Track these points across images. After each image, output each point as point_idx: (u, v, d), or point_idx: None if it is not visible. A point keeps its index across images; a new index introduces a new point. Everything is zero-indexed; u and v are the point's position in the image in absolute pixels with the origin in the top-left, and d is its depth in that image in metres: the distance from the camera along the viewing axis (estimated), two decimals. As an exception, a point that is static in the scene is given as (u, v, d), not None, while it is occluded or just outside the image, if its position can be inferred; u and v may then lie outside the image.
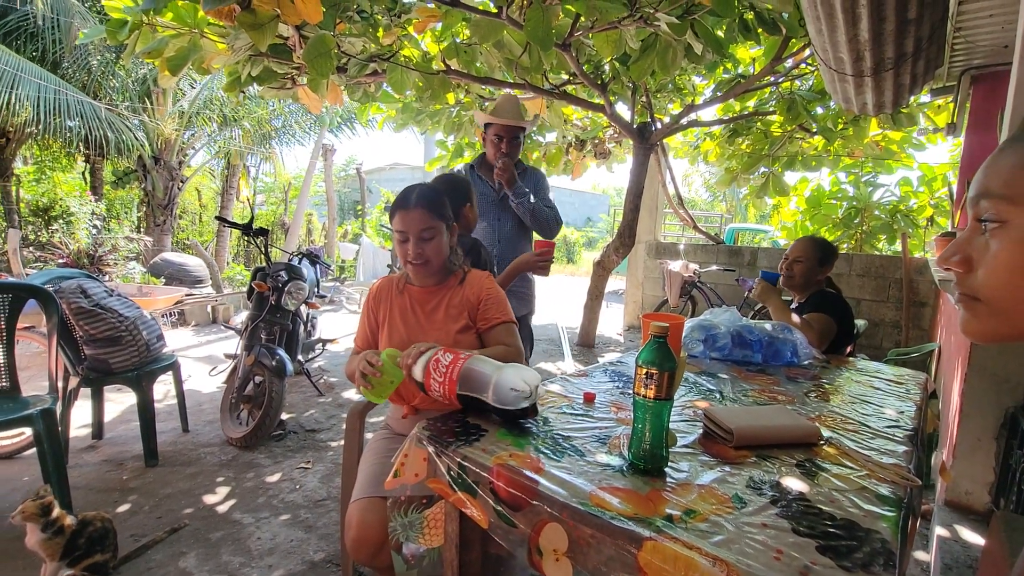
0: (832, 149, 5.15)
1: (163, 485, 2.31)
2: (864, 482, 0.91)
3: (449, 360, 1.13)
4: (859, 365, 1.81)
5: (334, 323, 6.02)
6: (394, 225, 1.42)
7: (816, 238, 2.20)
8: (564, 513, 0.79)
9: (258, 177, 11.31)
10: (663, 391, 0.86)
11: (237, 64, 3.06)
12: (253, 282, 3.01)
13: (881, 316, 5.06)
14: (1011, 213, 0.49)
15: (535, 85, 3.83)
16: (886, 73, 2.52)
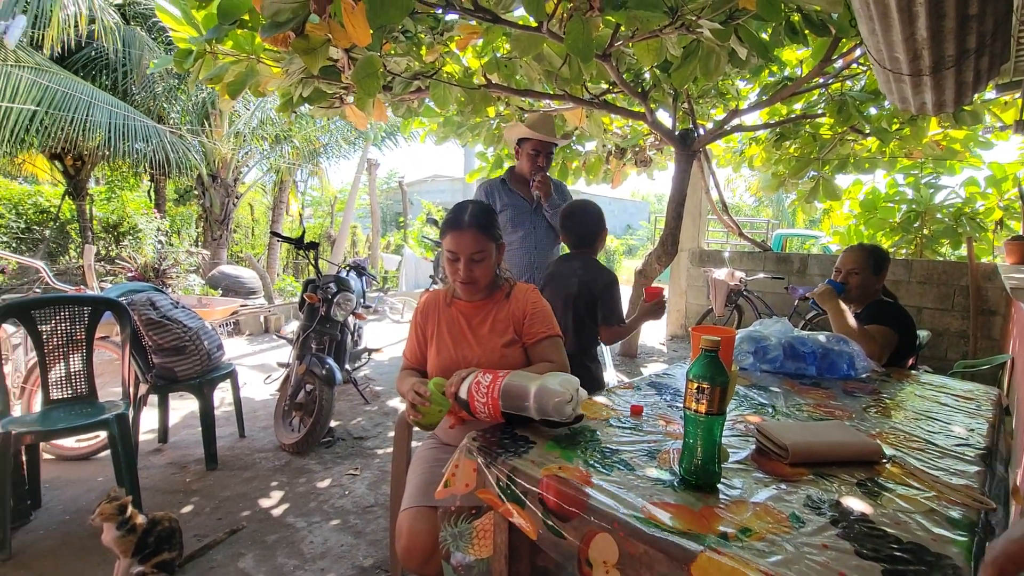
0: (888, 150, 4.92)
1: (222, 488, 2.43)
2: (932, 504, 0.86)
3: (489, 380, 1.16)
4: (923, 379, 1.72)
5: (378, 333, 6.17)
6: (445, 244, 1.45)
7: (867, 246, 2.11)
8: (615, 524, 0.79)
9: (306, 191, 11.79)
10: (715, 406, 0.85)
11: (290, 86, 3.23)
12: (304, 294, 3.14)
13: (945, 326, 4.77)
14: None
15: (575, 95, 3.84)
16: (947, 71, 2.40)
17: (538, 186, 2.45)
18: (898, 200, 6.37)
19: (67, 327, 2.15)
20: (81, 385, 2.20)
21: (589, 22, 2.41)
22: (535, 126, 2.55)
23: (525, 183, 2.58)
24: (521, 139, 2.60)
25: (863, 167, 5.16)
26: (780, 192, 6.61)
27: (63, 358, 2.16)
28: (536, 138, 2.53)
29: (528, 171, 2.54)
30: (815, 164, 5.00)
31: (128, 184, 8.57)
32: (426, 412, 1.25)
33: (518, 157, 2.65)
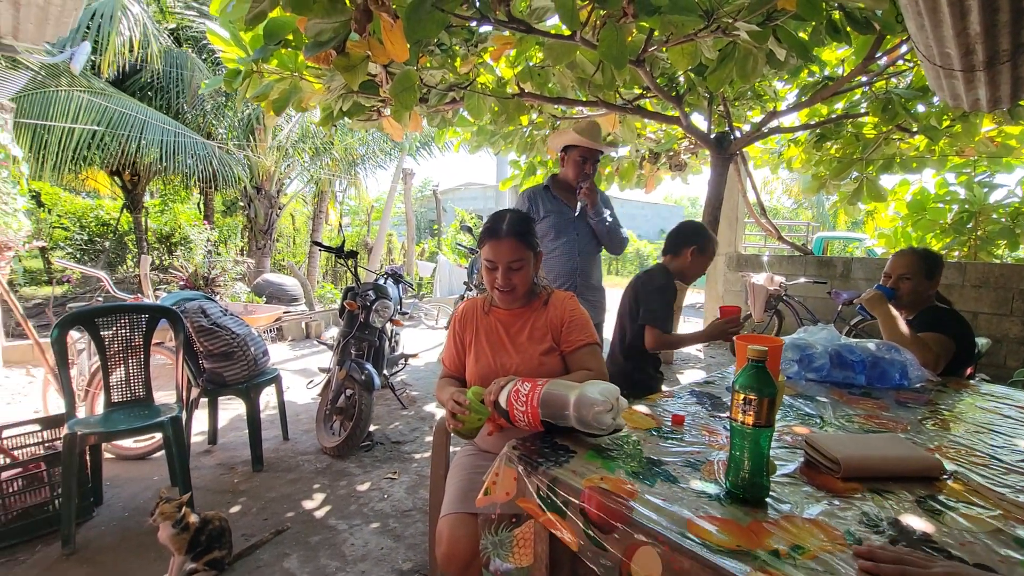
0: (937, 149, 4.70)
1: (268, 489, 2.51)
2: (998, 523, 0.82)
3: (528, 389, 1.16)
4: (982, 389, 1.64)
5: (414, 339, 6.27)
6: (484, 253, 1.47)
7: (918, 249, 2.02)
8: (659, 539, 0.79)
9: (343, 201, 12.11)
10: (763, 417, 0.84)
11: (331, 101, 3.34)
12: (344, 301, 3.22)
13: (1004, 331, 4.51)
14: None
15: (608, 101, 3.83)
16: (1001, 66, 2.28)
17: (585, 193, 2.45)
18: (949, 200, 6.07)
19: (127, 334, 2.28)
20: (139, 389, 2.33)
21: (623, 28, 2.42)
22: (583, 133, 2.56)
23: (569, 190, 2.59)
24: (568, 146, 2.61)
25: (910, 167, 4.95)
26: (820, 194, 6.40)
27: (123, 363, 2.28)
28: (584, 145, 2.53)
29: (574, 178, 2.54)
30: (858, 165, 4.83)
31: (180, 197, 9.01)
32: (465, 420, 1.27)
33: (563, 164, 2.65)
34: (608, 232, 2.53)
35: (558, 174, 2.67)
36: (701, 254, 2.10)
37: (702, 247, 2.10)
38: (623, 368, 2.08)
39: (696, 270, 2.12)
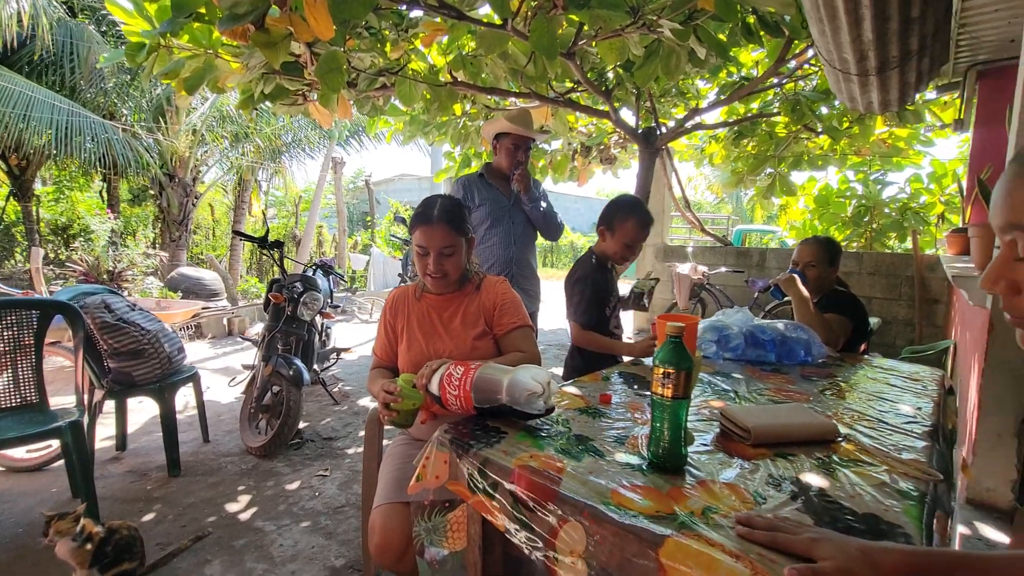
0: (839, 148, 5.14)
1: (186, 494, 2.36)
2: (884, 477, 0.92)
3: (461, 372, 1.16)
4: (874, 363, 1.82)
5: (347, 333, 6.08)
6: (415, 239, 1.44)
7: (821, 238, 2.20)
8: (584, 513, 0.81)
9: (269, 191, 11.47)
10: (680, 390, 0.88)
11: (250, 82, 3.14)
12: (269, 293, 3.07)
13: (893, 314, 5.03)
14: None
15: (540, 94, 3.87)
16: (891, 71, 2.54)
17: (518, 180, 2.47)
18: (849, 196, 6.66)
19: (14, 332, 2.05)
20: (31, 392, 2.10)
21: (553, 20, 2.44)
22: (514, 120, 2.57)
23: (503, 178, 2.59)
24: (500, 134, 2.61)
25: (816, 164, 5.38)
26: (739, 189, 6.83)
27: (11, 364, 2.05)
28: (516, 133, 2.54)
29: (507, 166, 2.55)
30: (771, 161, 5.18)
31: (78, 184, 8.16)
32: (399, 408, 1.24)
33: (496, 152, 2.66)
34: (544, 218, 2.57)
35: (492, 163, 2.68)
36: (611, 234, 1.90)
37: (611, 226, 1.90)
38: (578, 364, 1.94)
39: (616, 252, 1.91)
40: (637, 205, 1.96)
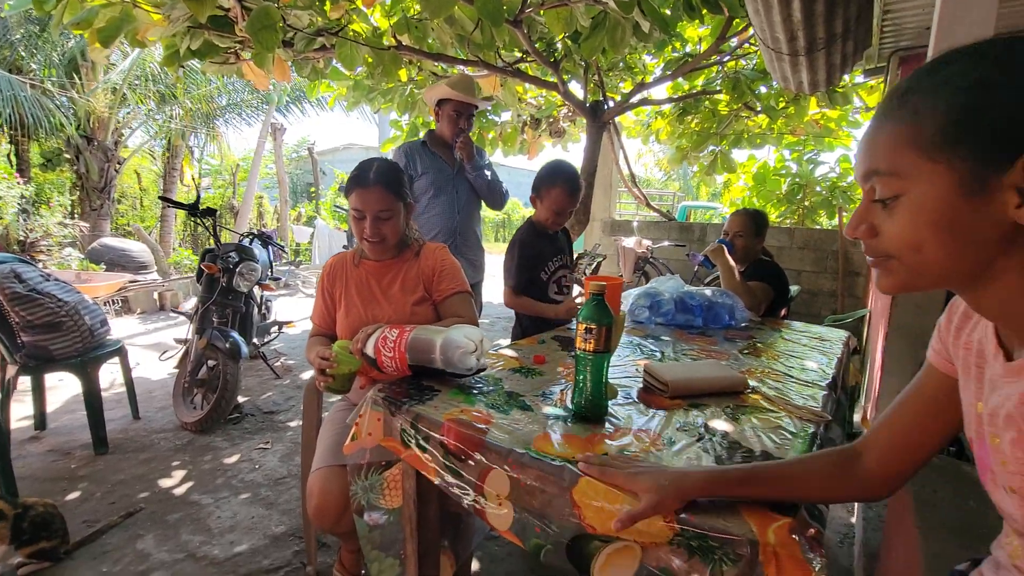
0: (776, 127, 5.37)
1: (115, 472, 2.26)
2: (781, 421, 1.01)
3: (396, 335, 1.16)
4: (792, 326, 1.96)
5: (291, 307, 5.90)
6: (351, 203, 1.42)
7: (750, 210, 2.33)
8: (508, 460, 0.85)
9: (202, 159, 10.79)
10: (601, 344, 0.93)
11: (175, 36, 2.92)
12: (202, 263, 2.93)
13: (820, 286, 5.38)
14: (902, 186, 0.55)
15: (488, 62, 3.81)
16: (818, 52, 2.67)
17: (461, 147, 2.43)
18: (784, 174, 7.00)
19: (-94, 303, 1.87)
20: (-70, 369, 1.94)
21: (497, -16, 2.40)
22: (456, 86, 2.51)
23: (446, 146, 2.54)
24: (441, 100, 2.55)
25: (755, 143, 5.61)
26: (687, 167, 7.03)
27: (-97, 338, 1.88)
28: (457, 99, 2.49)
29: (449, 134, 2.51)
30: (714, 139, 5.36)
31: (-21, 145, 7.38)
32: (335, 374, 1.24)
33: (438, 119, 2.60)
34: (488, 187, 2.55)
35: (435, 130, 2.63)
36: (540, 201, 1.90)
37: (539, 194, 1.89)
38: (517, 333, 1.98)
39: (547, 218, 1.90)
40: (562, 171, 1.89)
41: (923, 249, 0.56)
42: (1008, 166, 0.50)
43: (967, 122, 0.51)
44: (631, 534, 0.73)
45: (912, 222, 0.55)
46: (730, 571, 0.65)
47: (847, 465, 0.74)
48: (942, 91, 0.53)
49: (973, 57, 0.52)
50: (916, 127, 0.54)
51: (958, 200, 0.53)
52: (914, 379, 0.75)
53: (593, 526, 0.76)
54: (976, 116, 0.51)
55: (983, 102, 0.51)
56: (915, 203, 0.55)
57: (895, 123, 0.56)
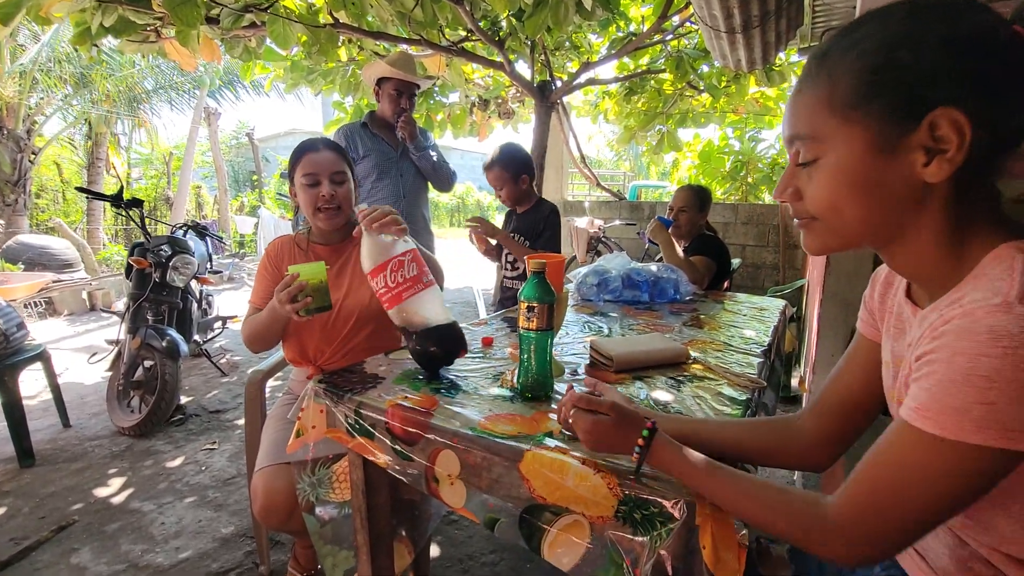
0: (719, 106, 5.50)
1: (44, 484, 2.12)
2: (720, 389, 1.04)
3: (413, 275, 1.06)
4: (734, 298, 2.03)
5: (235, 301, 5.65)
6: (302, 169, 1.35)
7: (694, 186, 2.38)
8: (455, 440, 0.84)
9: (131, 147, 10.07)
10: (544, 322, 0.93)
11: (85, 12, 2.69)
12: (130, 258, 2.75)
13: (763, 260, 5.61)
14: (821, 149, 0.57)
15: (432, 41, 3.71)
16: (754, 30, 2.73)
17: (403, 127, 2.35)
18: (728, 152, 7.22)
19: None
20: None
21: (434, -43, 2.32)
22: (395, 64, 2.42)
23: (389, 128, 2.46)
24: (381, 79, 2.45)
25: (699, 121, 5.74)
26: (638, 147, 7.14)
27: None
28: (397, 77, 2.40)
29: (391, 114, 2.42)
30: (660, 118, 5.44)
31: None
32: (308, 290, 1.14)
33: (378, 99, 2.50)
34: (433, 168, 2.48)
35: (375, 111, 2.54)
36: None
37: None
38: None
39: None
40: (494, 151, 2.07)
41: (842, 209, 0.57)
42: (915, 126, 0.51)
43: (876, 83, 0.52)
44: (578, 505, 0.74)
45: (830, 183, 0.57)
46: (667, 543, 0.66)
47: (787, 433, 0.77)
48: (853, 53, 0.54)
49: (882, 19, 0.53)
50: (831, 89, 0.55)
51: (872, 160, 0.54)
52: (847, 351, 0.78)
53: (543, 496, 0.77)
54: (883, 76, 0.52)
55: (890, 62, 0.51)
56: (833, 164, 0.56)
57: (813, 87, 0.57)
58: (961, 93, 0.49)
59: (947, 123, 0.50)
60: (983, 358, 0.45)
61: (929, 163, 0.52)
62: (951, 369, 0.47)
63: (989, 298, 0.47)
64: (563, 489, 0.75)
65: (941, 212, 0.54)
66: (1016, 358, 0.44)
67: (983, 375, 0.45)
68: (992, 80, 0.49)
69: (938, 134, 0.50)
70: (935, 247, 0.56)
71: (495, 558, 1.70)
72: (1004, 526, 0.54)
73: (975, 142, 0.50)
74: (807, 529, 0.56)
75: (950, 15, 0.50)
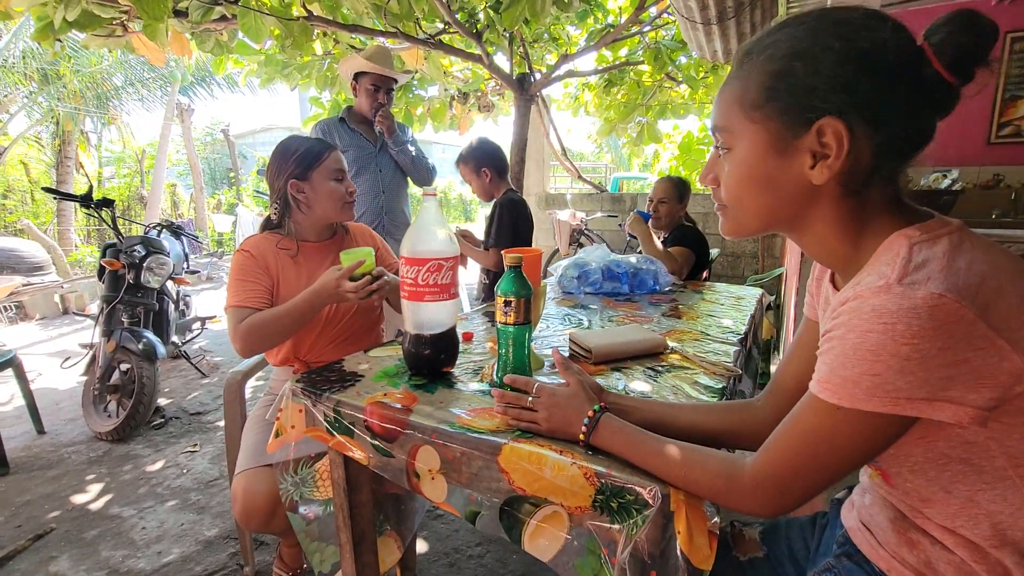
0: (697, 97, 5.54)
1: (19, 493, 2.07)
2: (697, 378, 1.06)
3: (445, 283, 1.02)
4: (713, 287, 2.05)
5: (215, 301, 5.56)
6: (330, 164, 1.40)
7: (673, 177, 2.40)
8: (434, 436, 0.85)
9: (100, 145, 9.79)
10: (521, 316, 0.93)
11: (46, 6, 2.61)
12: (103, 260, 2.68)
13: (742, 249, 5.69)
14: (731, 140, 0.61)
15: (408, 34, 3.67)
16: (729, 21, 2.76)
17: (380, 122, 2.33)
18: (707, 143, 7.28)
19: None
20: None
21: (407, -51, 2.30)
22: (372, 58, 2.38)
23: (367, 123, 2.43)
24: (358, 74, 2.42)
25: (679, 113, 5.77)
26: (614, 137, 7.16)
27: None
28: (374, 71, 2.37)
29: (368, 108, 2.39)
30: (640, 110, 5.46)
31: None
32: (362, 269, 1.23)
33: (356, 94, 2.47)
34: (412, 163, 2.46)
35: (353, 106, 2.51)
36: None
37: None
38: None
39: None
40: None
41: (743, 199, 0.62)
42: (805, 131, 0.55)
43: (777, 87, 0.56)
44: (557, 495, 0.75)
45: (735, 174, 0.62)
46: (643, 530, 0.67)
47: (747, 415, 0.80)
48: (764, 56, 0.57)
49: (794, 26, 0.57)
50: (744, 88, 0.59)
51: (769, 158, 0.58)
52: (795, 334, 0.81)
53: (522, 487, 0.78)
54: (783, 82, 0.56)
55: (790, 69, 0.55)
56: (738, 157, 0.61)
57: (732, 83, 0.61)
58: (846, 105, 0.53)
59: (830, 132, 0.54)
60: (869, 334, 0.50)
61: (815, 166, 0.56)
62: (844, 344, 0.52)
63: (875, 281, 0.51)
64: (541, 480, 0.76)
65: (832, 208, 0.59)
66: (895, 332, 0.48)
67: (869, 349, 0.49)
68: (876, 96, 0.53)
69: (823, 140, 0.55)
70: (833, 237, 0.60)
71: (481, 551, 1.71)
72: (930, 497, 0.59)
73: (858, 150, 0.54)
74: (728, 487, 0.62)
75: (850, 31, 0.53)
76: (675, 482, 0.67)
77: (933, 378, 0.48)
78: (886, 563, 0.63)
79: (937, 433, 0.54)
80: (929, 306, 0.47)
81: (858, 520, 0.70)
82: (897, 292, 0.49)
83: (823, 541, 0.79)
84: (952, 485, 0.56)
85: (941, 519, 0.58)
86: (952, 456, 0.55)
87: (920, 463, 0.57)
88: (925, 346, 0.47)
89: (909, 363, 0.48)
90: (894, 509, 0.64)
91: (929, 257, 0.51)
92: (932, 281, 0.49)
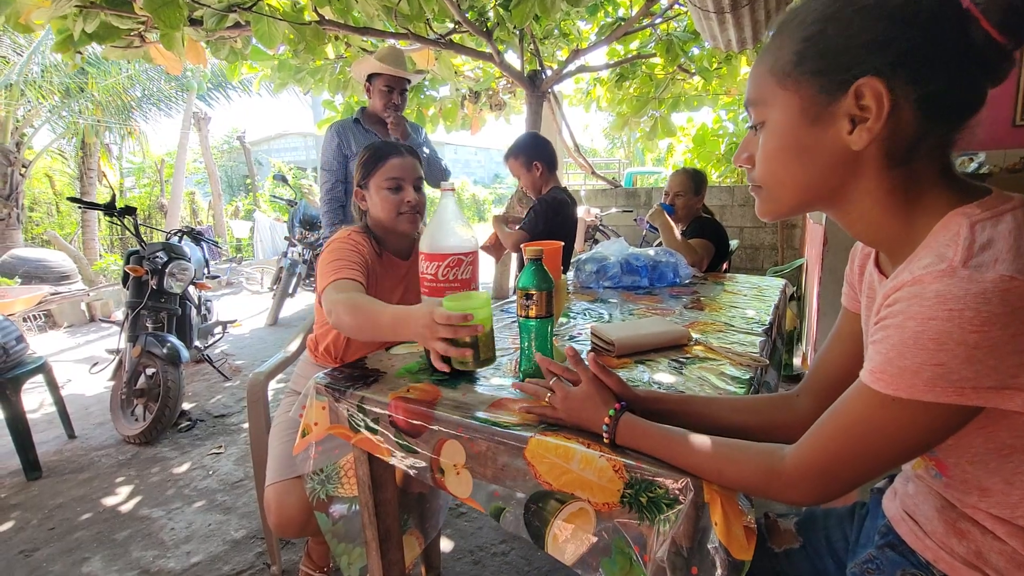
0: (711, 89, 5.47)
1: (52, 496, 2.12)
2: (723, 369, 1.04)
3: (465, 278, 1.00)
4: (734, 279, 2.02)
5: (235, 305, 5.65)
6: (386, 172, 1.32)
7: (688, 169, 2.37)
8: (460, 429, 0.84)
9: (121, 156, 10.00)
10: (543, 309, 0.92)
11: (66, 19, 2.66)
12: (126, 267, 2.73)
13: (761, 241, 5.60)
14: (764, 113, 0.59)
15: (419, 35, 3.68)
16: (743, 9, 2.70)
17: (392, 126, 2.33)
18: (722, 134, 7.19)
19: None
20: None
21: (417, -52, 2.30)
22: (385, 59, 2.39)
23: (382, 123, 2.44)
24: (372, 75, 2.43)
25: (693, 105, 5.69)
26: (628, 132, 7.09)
27: None
28: (387, 72, 2.38)
29: (382, 109, 2.40)
30: (653, 103, 5.40)
31: None
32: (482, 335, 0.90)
33: (369, 95, 2.48)
34: (427, 164, 2.48)
35: (367, 108, 2.52)
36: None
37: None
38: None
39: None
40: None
41: (777, 173, 0.59)
42: (842, 94, 0.53)
43: (808, 51, 0.54)
44: (584, 491, 0.74)
45: (769, 147, 0.59)
46: (678, 525, 0.66)
47: (786, 409, 0.77)
48: (796, 23, 0.55)
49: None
50: (775, 57, 0.57)
51: (803, 126, 0.56)
52: (834, 325, 0.79)
53: (549, 482, 0.77)
54: (815, 46, 0.54)
55: (821, 32, 0.53)
56: (771, 129, 0.58)
57: (764, 56, 0.59)
58: (883, 64, 0.50)
59: (869, 92, 0.51)
60: (932, 321, 0.47)
61: (853, 131, 0.53)
62: (903, 333, 0.49)
63: (936, 264, 0.48)
64: (569, 474, 0.74)
65: (877, 180, 0.55)
66: (962, 320, 0.45)
67: (932, 338, 0.47)
68: (916, 53, 0.50)
69: (862, 103, 0.52)
70: (880, 213, 0.57)
71: (506, 548, 1.70)
72: (989, 487, 0.56)
73: (899, 112, 0.51)
74: (768, 480, 0.60)
75: None
76: (708, 476, 0.65)
77: (1003, 366, 0.45)
78: (933, 553, 0.61)
79: (1000, 422, 0.51)
80: (1001, 290, 0.44)
81: (901, 510, 0.67)
82: (963, 276, 0.46)
83: (863, 532, 0.77)
84: (1015, 476, 0.54)
85: (998, 509, 0.56)
86: (1016, 446, 0.52)
87: (980, 454, 0.55)
88: (996, 333, 0.44)
89: (978, 351, 0.45)
90: (941, 498, 0.62)
91: (994, 236, 0.48)
92: (1001, 263, 0.46)
